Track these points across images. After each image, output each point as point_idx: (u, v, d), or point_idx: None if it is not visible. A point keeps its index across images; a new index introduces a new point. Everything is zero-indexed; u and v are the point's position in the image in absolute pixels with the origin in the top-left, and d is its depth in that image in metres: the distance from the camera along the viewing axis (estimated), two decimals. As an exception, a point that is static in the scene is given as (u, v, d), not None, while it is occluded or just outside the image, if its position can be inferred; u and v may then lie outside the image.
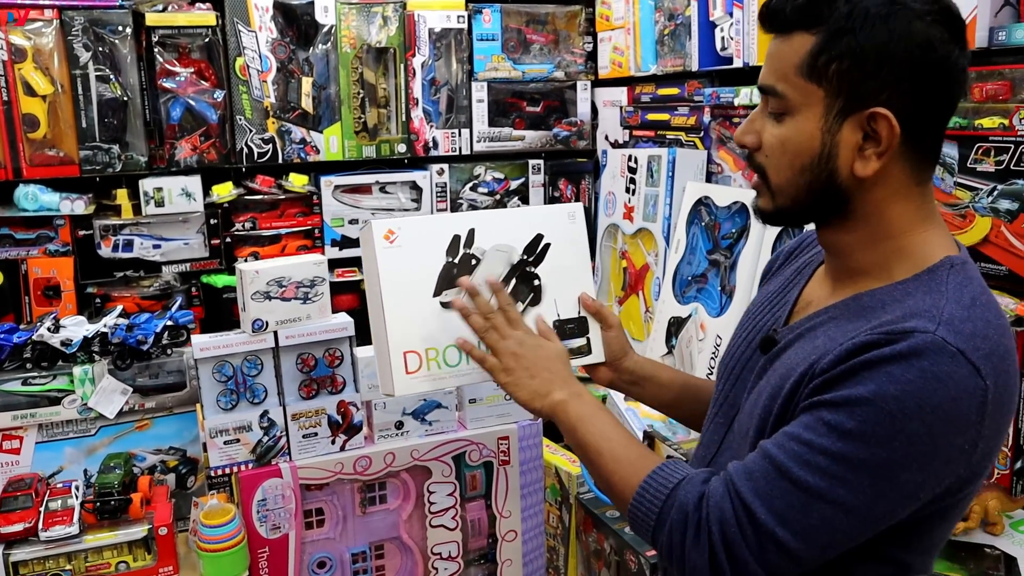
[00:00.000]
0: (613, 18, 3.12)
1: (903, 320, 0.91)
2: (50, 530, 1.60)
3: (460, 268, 1.29)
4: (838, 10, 0.93)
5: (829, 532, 0.92)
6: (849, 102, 0.95)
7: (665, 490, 1.00)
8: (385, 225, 1.26)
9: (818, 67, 0.95)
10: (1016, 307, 1.70)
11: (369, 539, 1.81)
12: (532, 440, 1.85)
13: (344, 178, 2.96)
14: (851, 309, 1.00)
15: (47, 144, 2.60)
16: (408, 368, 1.25)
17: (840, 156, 0.97)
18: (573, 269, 1.35)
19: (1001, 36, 1.71)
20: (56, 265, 2.63)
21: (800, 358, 1.00)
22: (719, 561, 0.94)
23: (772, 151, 1.01)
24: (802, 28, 0.96)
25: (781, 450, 0.93)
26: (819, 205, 1.01)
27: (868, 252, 1.01)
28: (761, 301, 1.21)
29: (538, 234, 1.34)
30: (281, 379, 1.71)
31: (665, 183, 2.72)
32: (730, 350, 1.21)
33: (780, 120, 1.00)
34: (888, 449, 0.88)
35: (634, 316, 2.92)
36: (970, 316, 0.91)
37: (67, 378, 1.79)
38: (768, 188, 1.04)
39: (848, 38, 0.93)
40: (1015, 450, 1.71)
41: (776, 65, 0.99)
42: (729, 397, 1.16)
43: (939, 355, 0.88)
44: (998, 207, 1.74)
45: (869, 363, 0.89)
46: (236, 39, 2.75)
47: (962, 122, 1.79)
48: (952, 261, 0.98)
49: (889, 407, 0.88)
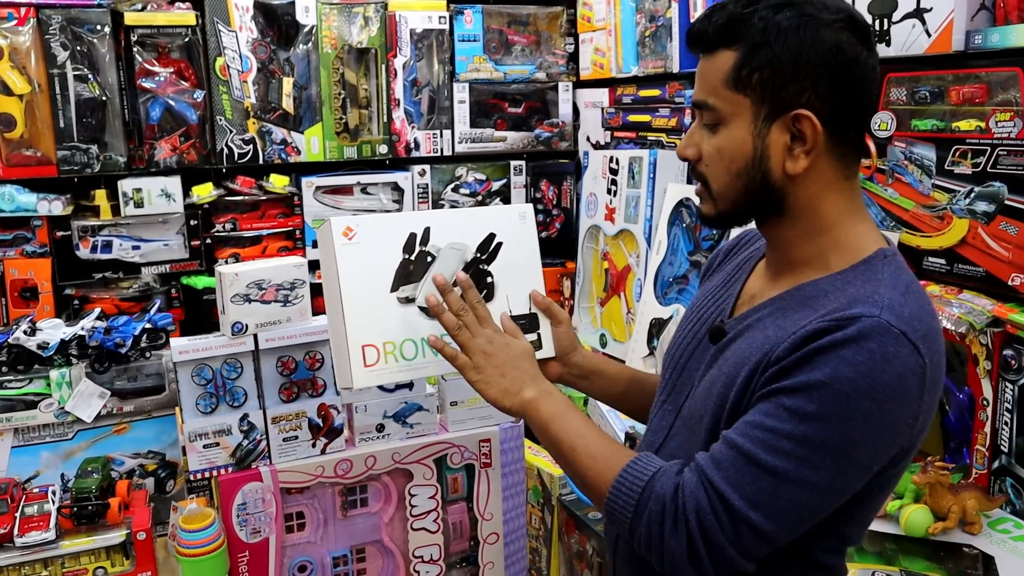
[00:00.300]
0: (594, 19, 3.13)
1: (848, 307, 0.99)
2: (26, 536, 1.58)
3: (416, 265, 1.33)
4: (754, 27, 1.03)
5: (798, 511, 0.99)
6: (774, 107, 1.04)
7: (640, 483, 1.05)
8: (344, 222, 1.30)
9: (742, 78, 1.04)
10: (993, 308, 1.72)
11: (350, 542, 1.80)
12: (514, 442, 1.85)
13: (325, 179, 2.95)
14: (795, 299, 1.07)
15: (24, 144, 2.57)
16: (366, 361, 1.28)
17: (771, 157, 1.05)
18: (524, 267, 1.40)
19: (977, 40, 1.72)
20: (33, 266, 2.60)
21: (752, 347, 1.06)
22: (696, 547, 1.00)
23: (711, 160, 1.09)
24: (724, 46, 1.05)
25: (747, 438, 1.00)
26: (757, 204, 1.09)
27: (806, 245, 1.09)
28: (704, 295, 1.28)
29: (491, 233, 1.39)
30: (261, 382, 1.70)
31: (646, 184, 2.73)
32: (675, 342, 1.28)
33: (715, 131, 1.08)
34: (846, 427, 0.96)
35: (616, 317, 2.92)
36: (906, 301, 0.99)
37: (44, 381, 1.77)
38: (710, 194, 1.12)
39: (765, 50, 1.02)
40: (992, 450, 1.73)
41: (705, 81, 1.08)
42: (676, 386, 1.22)
43: (885, 336, 0.95)
44: (975, 209, 1.75)
45: (822, 348, 0.96)
46: (216, 39, 2.73)
47: (940, 125, 1.80)
48: (884, 252, 1.07)
49: (845, 388, 0.95)
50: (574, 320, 3.18)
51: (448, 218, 1.38)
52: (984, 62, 1.72)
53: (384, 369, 1.29)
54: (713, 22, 1.06)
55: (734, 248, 1.33)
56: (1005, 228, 1.69)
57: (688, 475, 1.03)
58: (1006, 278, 1.71)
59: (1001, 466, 1.72)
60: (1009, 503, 1.71)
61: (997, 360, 1.71)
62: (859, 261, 1.06)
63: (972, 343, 1.73)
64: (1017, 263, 1.68)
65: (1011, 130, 1.66)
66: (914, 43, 1.82)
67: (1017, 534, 1.63)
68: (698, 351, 1.21)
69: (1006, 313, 1.68)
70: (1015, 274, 1.69)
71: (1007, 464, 1.71)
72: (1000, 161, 1.69)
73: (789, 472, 0.97)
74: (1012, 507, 1.70)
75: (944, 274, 1.84)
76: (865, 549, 1.63)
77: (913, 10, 1.82)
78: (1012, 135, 1.66)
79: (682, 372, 1.23)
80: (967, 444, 1.79)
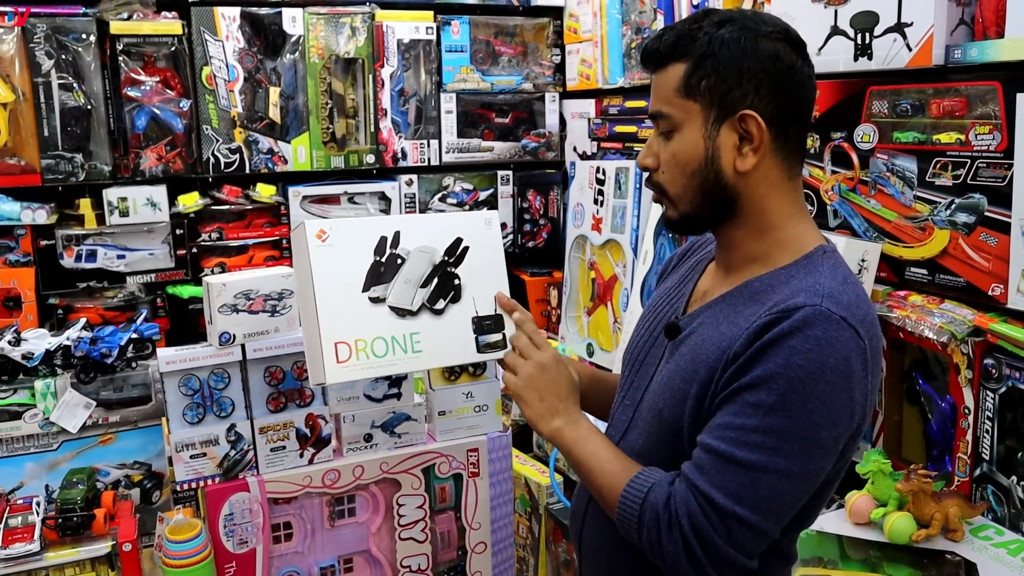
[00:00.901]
0: (581, 31, 3.15)
1: (791, 298, 1.07)
2: (10, 547, 1.57)
3: (387, 267, 1.39)
4: (700, 40, 1.13)
5: (778, 499, 1.06)
6: (722, 110, 1.13)
7: (640, 495, 1.13)
8: (317, 225, 1.36)
9: (691, 86, 1.14)
10: (974, 318, 1.74)
11: (338, 552, 1.80)
12: (502, 452, 1.86)
13: (312, 189, 2.95)
14: (743, 295, 1.16)
15: (7, 152, 2.56)
16: (339, 358, 1.33)
17: (722, 157, 1.14)
18: (490, 270, 1.46)
19: (957, 54, 1.75)
20: (17, 275, 2.58)
21: (708, 342, 1.14)
22: (693, 548, 1.06)
23: (668, 166, 1.18)
24: (674, 60, 1.15)
25: (720, 440, 1.07)
26: (712, 204, 1.17)
27: (754, 243, 1.18)
28: (659, 296, 1.38)
29: (458, 238, 1.45)
30: (249, 392, 1.70)
31: (633, 195, 2.74)
32: (633, 340, 1.37)
33: (670, 138, 1.17)
34: (806, 412, 1.03)
35: (603, 326, 2.94)
36: (844, 290, 1.08)
37: (28, 392, 1.76)
38: (670, 200, 1.20)
39: (711, 59, 1.12)
40: (974, 458, 1.76)
41: (659, 93, 1.18)
42: (634, 382, 1.31)
43: (827, 322, 1.04)
44: (956, 220, 1.78)
45: (772, 342, 1.04)
46: (203, 48, 2.73)
47: (921, 137, 1.83)
48: (824, 249, 1.16)
49: (798, 375, 1.03)
50: (561, 329, 3.19)
51: (417, 222, 1.44)
52: (963, 76, 1.75)
53: (356, 365, 1.34)
54: (664, 40, 1.16)
55: (688, 252, 1.43)
56: (985, 239, 1.72)
57: (678, 484, 1.10)
58: (986, 288, 1.73)
59: (983, 473, 1.74)
60: (991, 510, 1.73)
61: (978, 369, 1.73)
62: (801, 257, 1.15)
63: (953, 352, 1.76)
64: (997, 273, 1.71)
65: (990, 143, 1.69)
66: (895, 57, 1.85)
67: (999, 540, 1.65)
68: (654, 347, 1.29)
69: (987, 323, 1.71)
70: (995, 284, 1.71)
71: (988, 472, 1.73)
72: (980, 173, 1.72)
73: (764, 463, 1.04)
74: (994, 514, 1.73)
75: (926, 284, 1.86)
76: (849, 556, 1.65)
77: (894, 25, 1.85)
78: (991, 148, 1.68)
79: (640, 368, 1.31)
80: (949, 452, 1.81)
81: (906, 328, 1.80)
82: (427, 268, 1.41)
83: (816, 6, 2.02)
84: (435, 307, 1.40)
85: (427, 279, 1.41)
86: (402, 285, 1.38)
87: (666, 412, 1.18)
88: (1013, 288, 1.68)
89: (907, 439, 2.02)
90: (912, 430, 2.00)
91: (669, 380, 1.19)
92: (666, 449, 1.18)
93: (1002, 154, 1.67)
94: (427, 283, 1.41)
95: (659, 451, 1.20)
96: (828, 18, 1.99)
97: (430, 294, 1.40)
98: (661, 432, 1.19)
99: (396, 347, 1.36)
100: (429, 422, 1.83)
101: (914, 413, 1.98)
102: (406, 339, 1.37)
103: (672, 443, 1.17)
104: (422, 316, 1.39)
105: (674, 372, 1.18)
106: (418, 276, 1.39)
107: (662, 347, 1.26)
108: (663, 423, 1.18)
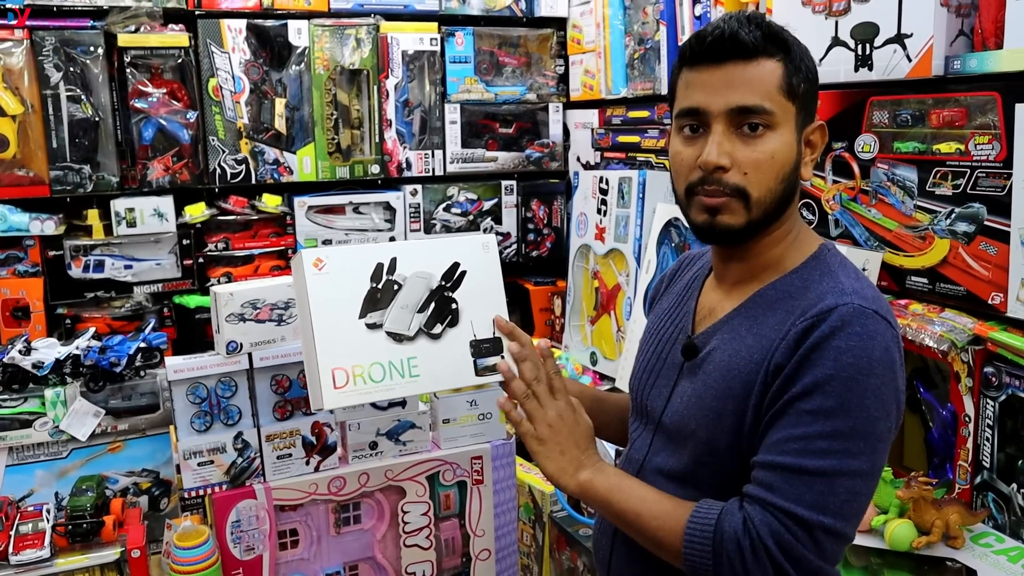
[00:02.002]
0: (584, 41, 3.18)
1: (819, 301, 1.07)
2: (20, 554, 1.59)
3: (383, 293, 1.40)
4: (786, 41, 1.12)
5: (857, 499, 1.04)
6: (807, 116, 1.15)
7: (709, 528, 1.07)
8: (314, 254, 1.38)
9: (793, 86, 1.11)
10: (974, 326, 1.75)
11: (344, 559, 1.81)
12: (505, 459, 1.87)
13: (318, 199, 2.97)
14: (760, 304, 1.15)
15: (16, 164, 2.59)
16: (336, 383, 1.34)
17: (801, 164, 1.15)
18: (488, 293, 1.45)
19: (956, 65, 1.77)
20: (25, 286, 2.61)
21: (737, 357, 1.12)
22: (783, 569, 1.02)
23: (757, 166, 1.11)
24: (765, 55, 1.10)
25: (785, 455, 1.04)
26: (780, 211, 1.15)
27: (774, 248, 1.17)
28: (658, 318, 1.35)
29: (455, 262, 1.45)
30: (255, 400, 1.72)
31: (636, 204, 2.76)
32: (640, 364, 1.34)
33: (758, 136, 1.10)
34: (863, 408, 1.02)
35: (606, 336, 2.95)
36: (862, 285, 1.10)
37: (38, 400, 1.78)
38: (746, 204, 1.12)
39: (803, 63, 1.13)
40: (974, 466, 1.77)
41: (753, 87, 1.10)
42: (646, 406, 1.28)
43: (863, 318, 1.04)
44: (956, 229, 1.80)
45: (815, 346, 1.04)
46: (209, 60, 2.76)
47: (921, 147, 1.85)
48: (827, 246, 1.18)
49: (850, 373, 1.02)
50: (565, 338, 3.20)
51: (413, 248, 1.45)
52: (963, 86, 1.77)
53: (353, 391, 1.35)
54: (751, 32, 1.09)
55: (677, 272, 1.41)
56: (985, 248, 1.73)
57: (749, 508, 1.05)
58: (986, 297, 1.75)
59: (983, 481, 1.75)
60: (991, 518, 1.74)
61: (978, 377, 1.74)
62: (808, 257, 1.16)
63: (954, 360, 1.77)
64: (997, 282, 1.72)
65: (989, 153, 1.70)
66: (895, 68, 1.87)
67: (999, 548, 1.66)
68: (665, 369, 1.26)
69: (987, 331, 1.72)
70: (995, 293, 1.73)
71: (989, 479, 1.74)
72: (979, 183, 1.73)
73: (836, 467, 1.02)
74: (994, 521, 1.73)
75: (926, 293, 1.88)
76: (851, 563, 1.66)
77: (894, 36, 1.87)
78: (990, 157, 1.70)
79: (650, 392, 1.28)
80: (950, 460, 1.82)
81: (907, 337, 1.81)
82: (424, 293, 1.41)
83: (817, 17, 2.04)
84: (432, 332, 1.41)
85: (424, 304, 1.41)
86: (399, 311, 1.40)
87: (700, 432, 1.14)
88: (1013, 297, 1.69)
89: (908, 447, 2.03)
90: (913, 438, 2.01)
91: (699, 400, 1.15)
92: (703, 470, 1.16)
93: (1001, 164, 1.68)
94: (424, 308, 1.41)
95: (693, 473, 1.17)
96: (829, 29, 2.01)
97: (427, 319, 1.41)
98: (695, 452, 1.15)
99: (393, 372, 1.37)
100: (433, 430, 1.85)
101: (915, 421, 1.99)
102: (403, 364, 1.38)
103: (708, 463, 1.15)
104: (419, 341, 1.40)
105: (703, 391, 1.15)
106: (415, 301, 1.41)
107: (676, 367, 1.23)
108: (697, 443, 1.15)
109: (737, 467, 1.11)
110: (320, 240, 2.96)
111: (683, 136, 1.16)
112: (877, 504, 1.76)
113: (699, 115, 1.13)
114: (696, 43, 1.13)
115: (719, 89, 1.10)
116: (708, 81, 1.12)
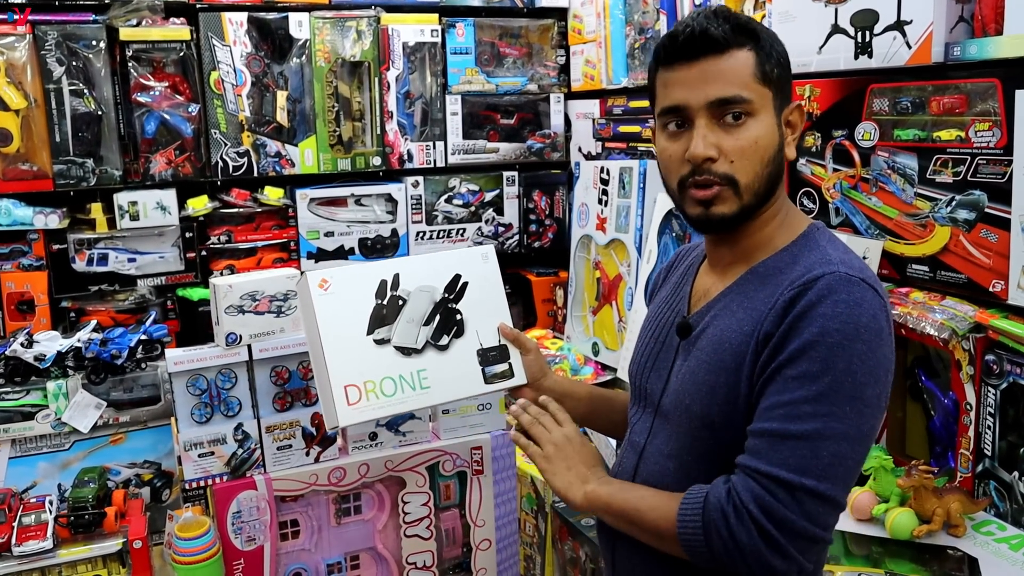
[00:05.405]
0: (585, 32, 3.17)
1: (807, 272, 1.10)
2: (23, 545, 1.60)
3: (389, 308, 1.43)
4: (755, 30, 1.16)
5: (841, 463, 1.04)
6: (784, 99, 1.18)
7: (698, 504, 1.10)
8: (319, 275, 1.40)
9: (766, 72, 1.15)
10: (975, 314, 1.75)
11: (344, 550, 1.82)
12: (505, 450, 1.87)
13: (319, 191, 2.98)
14: (751, 281, 1.18)
15: (20, 158, 2.60)
16: (349, 400, 1.36)
17: (783, 146, 1.18)
18: (490, 303, 1.49)
19: (956, 51, 1.76)
20: (30, 279, 2.62)
21: (728, 331, 1.15)
22: (768, 531, 1.03)
23: (743, 153, 1.14)
24: (736, 46, 1.14)
25: (771, 420, 1.06)
26: (769, 193, 1.18)
27: (764, 229, 1.20)
28: (657, 306, 1.38)
29: (456, 274, 1.48)
30: (255, 392, 1.72)
31: (637, 194, 2.76)
32: (639, 349, 1.36)
33: (740, 125, 1.14)
34: (850, 373, 1.04)
35: (608, 326, 2.95)
36: (849, 256, 1.13)
37: (41, 393, 1.78)
38: (736, 191, 1.15)
39: (773, 49, 1.17)
40: (976, 454, 1.76)
41: (729, 78, 1.14)
42: (646, 389, 1.31)
43: (850, 285, 1.06)
44: (956, 217, 1.79)
45: (802, 314, 1.06)
46: (211, 53, 2.76)
47: (921, 134, 1.84)
48: (817, 226, 1.21)
49: (836, 339, 1.04)
50: (567, 328, 3.20)
51: (415, 264, 1.48)
52: (963, 73, 1.76)
53: (366, 406, 1.37)
54: (720, 26, 1.13)
55: (674, 264, 1.44)
56: (986, 235, 1.72)
57: (735, 477, 1.09)
58: (987, 284, 1.74)
59: (985, 469, 1.75)
60: (993, 506, 1.73)
61: (980, 365, 1.73)
62: (798, 236, 1.19)
63: (955, 348, 1.76)
64: (998, 269, 1.71)
65: (990, 140, 1.69)
66: (895, 55, 1.86)
67: (1000, 536, 1.65)
68: (663, 351, 1.29)
69: (988, 319, 1.71)
70: (996, 280, 1.72)
71: (991, 467, 1.73)
72: (980, 170, 1.72)
73: (820, 430, 1.03)
74: (996, 510, 1.73)
75: (927, 281, 1.87)
76: (852, 552, 1.66)
77: (894, 23, 1.85)
78: (991, 145, 1.69)
79: (650, 375, 1.30)
80: (952, 448, 1.82)
81: (908, 325, 1.80)
82: (428, 306, 1.44)
83: (816, 5, 2.03)
84: (439, 343, 1.44)
85: (429, 317, 1.44)
86: (405, 325, 1.42)
87: (695, 407, 1.17)
88: (1014, 284, 1.68)
89: (910, 436, 2.02)
90: (915, 426, 2.00)
91: (692, 375, 1.18)
92: (700, 445, 1.17)
93: (1002, 151, 1.67)
94: (429, 321, 1.44)
95: (692, 449, 1.19)
96: (828, 17, 2.00)
97: (433, 331, 1.43)
98: (692, 428, 1.18)
99: (404, 385, 1.40)
100: (433, 420, 1.85)
101: (917, 410, 1.99)
102: (414, 377, 1.40)
103: (705, 438, 1.16)
104: (427, 353, 1.43)
105: (696, 367, 1.18)
106: (420, 315, 1.43)
107: (673, 348, 1.26)
108: (692, 418, 1.17)
109: (734, 441, 1.12)
110: (322, 232, 2.97)
111: (668, 133, 1.20)
112: (878, 493, 1.76)
113: (681, 111, 1.17)
114: (669, 43, 1.17)
115: (697, 84, 1.14)
116: (685, 78, 1.15)
